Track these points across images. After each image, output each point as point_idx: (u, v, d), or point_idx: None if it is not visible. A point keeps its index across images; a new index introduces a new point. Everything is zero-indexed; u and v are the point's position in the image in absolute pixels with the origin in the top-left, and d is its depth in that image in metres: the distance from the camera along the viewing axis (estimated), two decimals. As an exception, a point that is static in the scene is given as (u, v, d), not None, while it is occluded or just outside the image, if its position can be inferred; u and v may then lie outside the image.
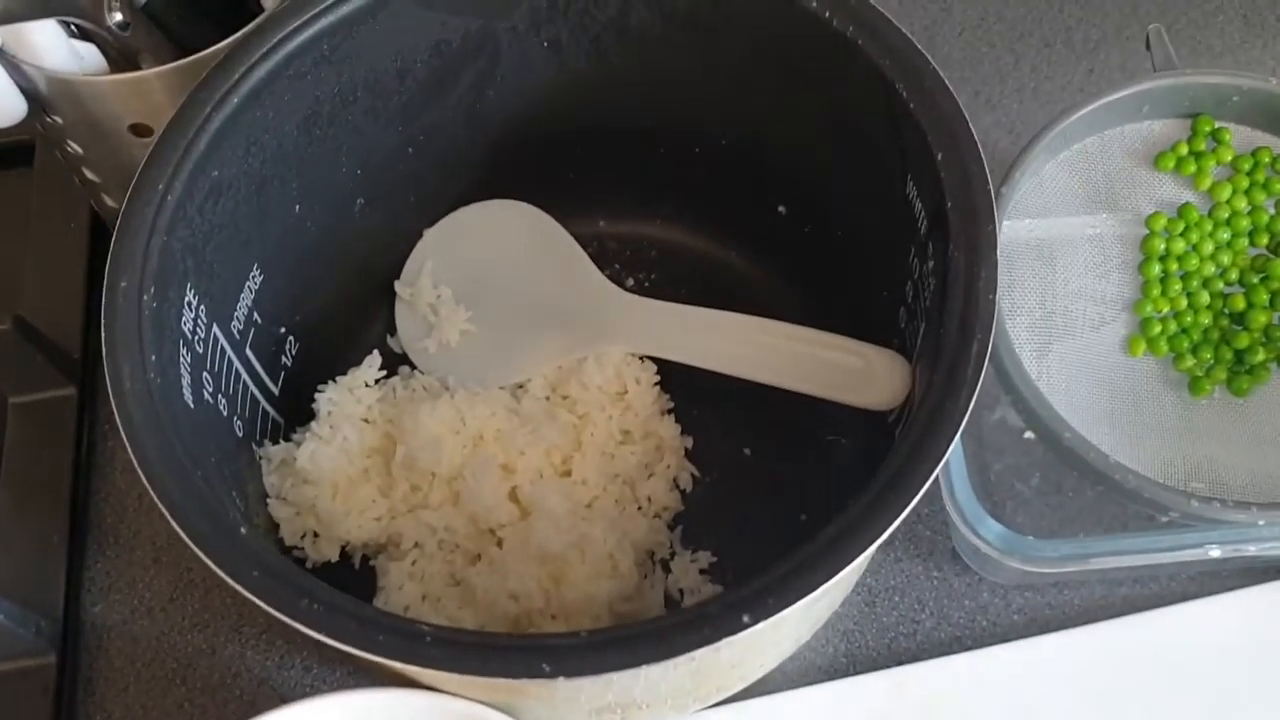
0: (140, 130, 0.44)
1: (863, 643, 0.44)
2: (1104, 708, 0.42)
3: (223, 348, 0.41)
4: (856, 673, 0.44)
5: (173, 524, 0.32)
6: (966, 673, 0.43)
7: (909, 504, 0.31)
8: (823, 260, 0.47)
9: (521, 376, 0.47)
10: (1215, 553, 0.41)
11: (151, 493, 0.33)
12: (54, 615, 0.43)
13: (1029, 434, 0.43)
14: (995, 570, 0.44)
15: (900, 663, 0.44)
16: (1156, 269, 0.45)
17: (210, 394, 0.39)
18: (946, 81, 0.37)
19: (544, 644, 0.30)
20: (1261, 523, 0.39)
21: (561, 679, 0.30)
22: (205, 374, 0.39)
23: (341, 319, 0.49)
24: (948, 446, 0.32)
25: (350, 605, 0.31)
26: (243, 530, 0.33)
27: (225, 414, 0.40)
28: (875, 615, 0.45)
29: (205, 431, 0.38)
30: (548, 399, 0.47)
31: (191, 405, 0.37)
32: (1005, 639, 0.44)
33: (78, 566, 0.46)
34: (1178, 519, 0.40)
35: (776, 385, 0.43)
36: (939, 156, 0.36)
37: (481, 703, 0.36)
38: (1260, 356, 0.44)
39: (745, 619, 0.30)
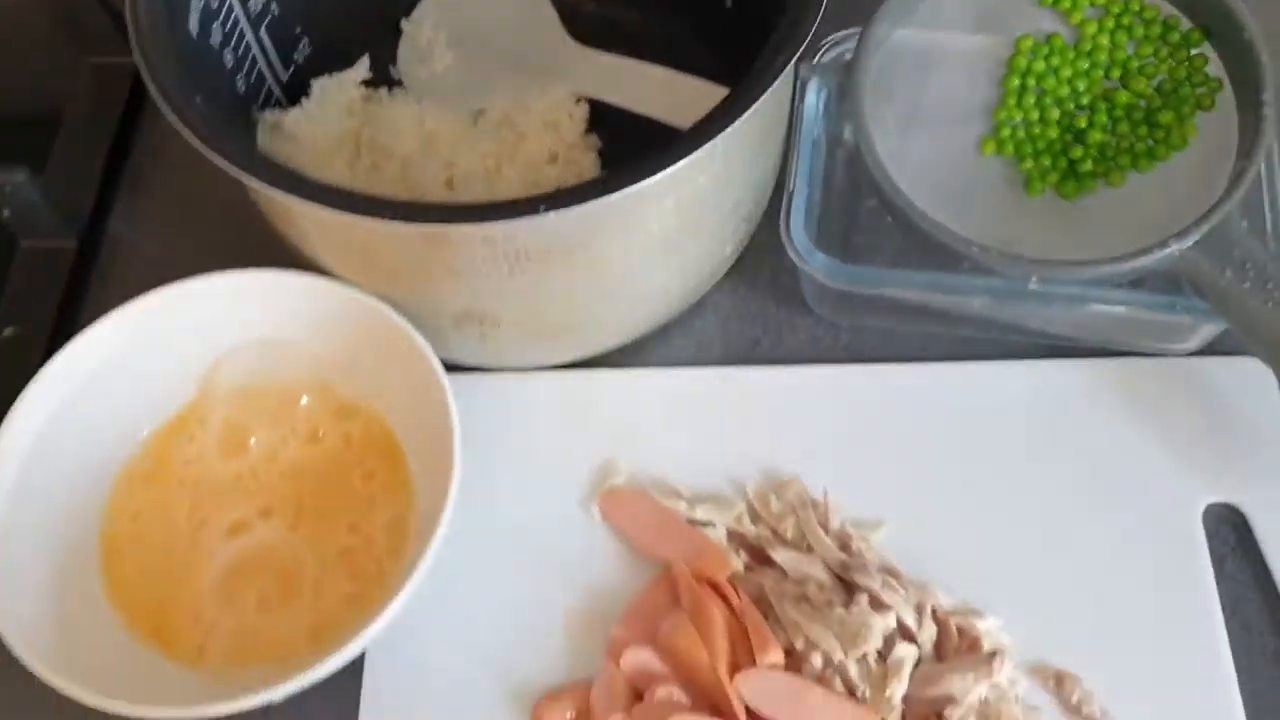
0: None
1: (708, 350, 0.53)
2: (891, 436, 0.50)
3: (236, 16, 0.52)
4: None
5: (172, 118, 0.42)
6: (783, 381, 0.52)
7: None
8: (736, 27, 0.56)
9: (482, 104, 0.57)
10: (977, 303, 0.49)
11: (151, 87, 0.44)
12: (82, 215, 0.55)
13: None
14: (831, 308, 0.53)
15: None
16: (1016, 82, 0.52)
17: (215, 43, 0.50)
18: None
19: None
20: (1033, 282, 0.47)
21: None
22: (215, 24, 0.50)
23: (354, 38, 0.59)
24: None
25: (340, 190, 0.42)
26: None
27: (229, 67, 0.51)
28: (724, 331, 0.54)
29: (205, 66, 0.49)
30: (498, 123, 0.57)
31: (194, 36, 0.48)
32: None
33: (110, 190, 0.58)
34: (968, 267, 0.48)
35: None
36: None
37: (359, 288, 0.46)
38: (1089, 168, 0.51)
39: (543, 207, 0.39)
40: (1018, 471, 0.49)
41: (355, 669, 0.46)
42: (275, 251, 0.49)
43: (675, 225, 0.45)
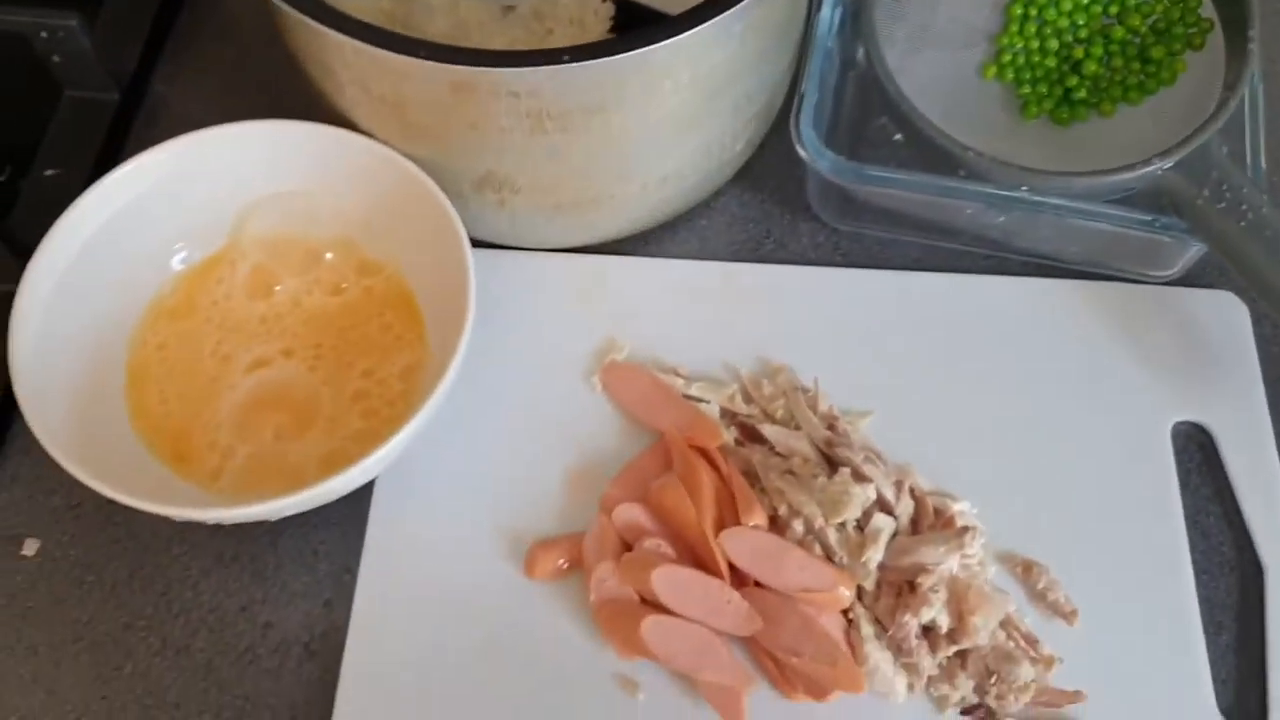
0: None
1: (712, 247, 0.56)
2: (881, 337, 0.53)
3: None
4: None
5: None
6: (782, 280, 0.54)
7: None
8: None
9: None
10: (970, 211, 0.51)
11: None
12: (127, 69, 0.58)
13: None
14: (834, 212, 0.56)
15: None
16: (1020, 11, 0.55)
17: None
18: None
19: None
20: (1025, 189, 0.50)
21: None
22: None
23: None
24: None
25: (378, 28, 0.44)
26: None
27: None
28: (729, 230, 0.56)
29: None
30: (527, 16, 0.59)
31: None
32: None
33: (155, 51, 0.60)
34: (964, 174, 0.51)
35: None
36: None
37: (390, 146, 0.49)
38: (1083, 97, 0.54)
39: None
40: (1000, 377, 0.52)
41: (361, 511, 0.49)
42: (311, 120, 0.51)
43: (691, 102, 0.48)
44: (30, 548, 0.48)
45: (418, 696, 0.45)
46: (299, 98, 0.52)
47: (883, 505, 0.47)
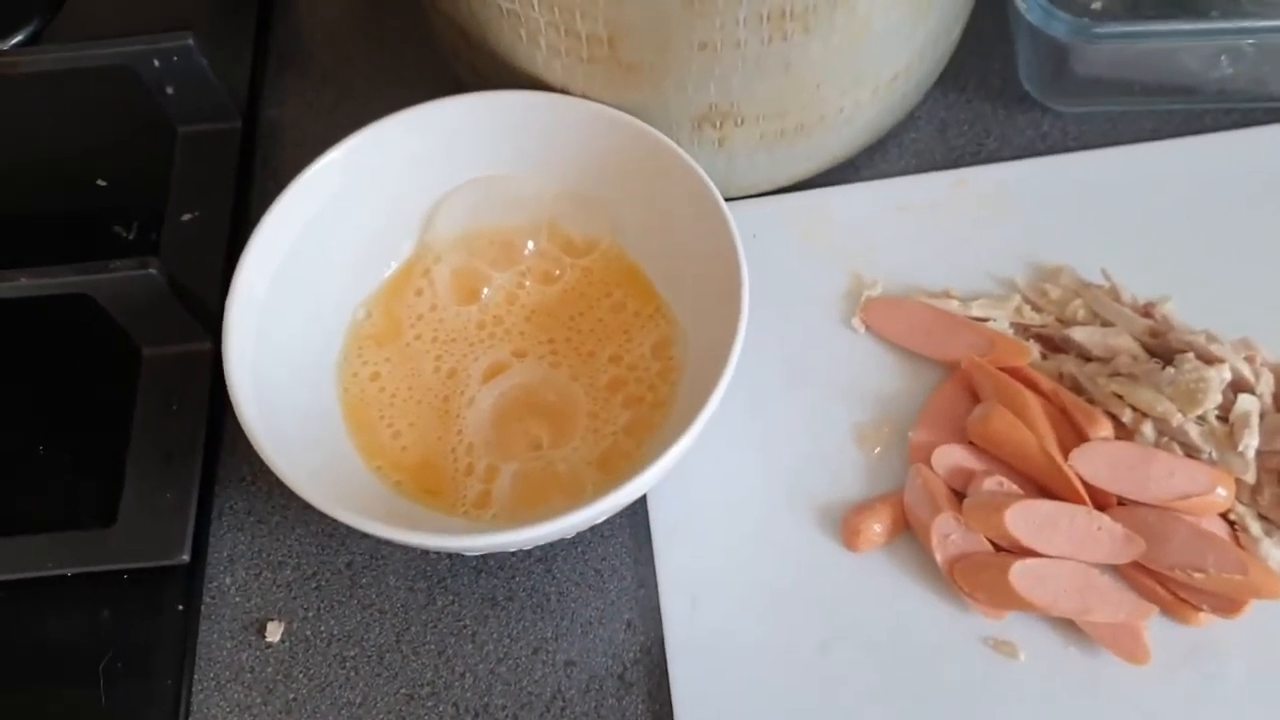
0: None
1: (931, 159, 0.50)
2: (1148, 217, 0.47)
3: None
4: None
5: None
6: (1019, 176, 0.49)
7: None
8: None
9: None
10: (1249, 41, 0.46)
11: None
12: (241, 93, 0.52)
13: None
14: (1057, 91, 0.50)
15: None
16: None
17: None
18: None
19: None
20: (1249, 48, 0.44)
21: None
22: None
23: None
24: None
25: None
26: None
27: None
28: (945, 140, 0.51)
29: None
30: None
31: None
32: (1060, 156, 0.50)
33: (260, 70, 0.54)
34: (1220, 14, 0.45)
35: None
36: None
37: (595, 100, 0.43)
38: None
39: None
40: None
41: (636, 515, 0.42)
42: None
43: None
44: (274, 632, 0.41)
45: (767, 707, 0.39)
46: (442, 79, 0.46)
47: (1240, 385, 0.41)
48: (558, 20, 0.41)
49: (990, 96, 0.52)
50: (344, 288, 0.44)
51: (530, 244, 0.45)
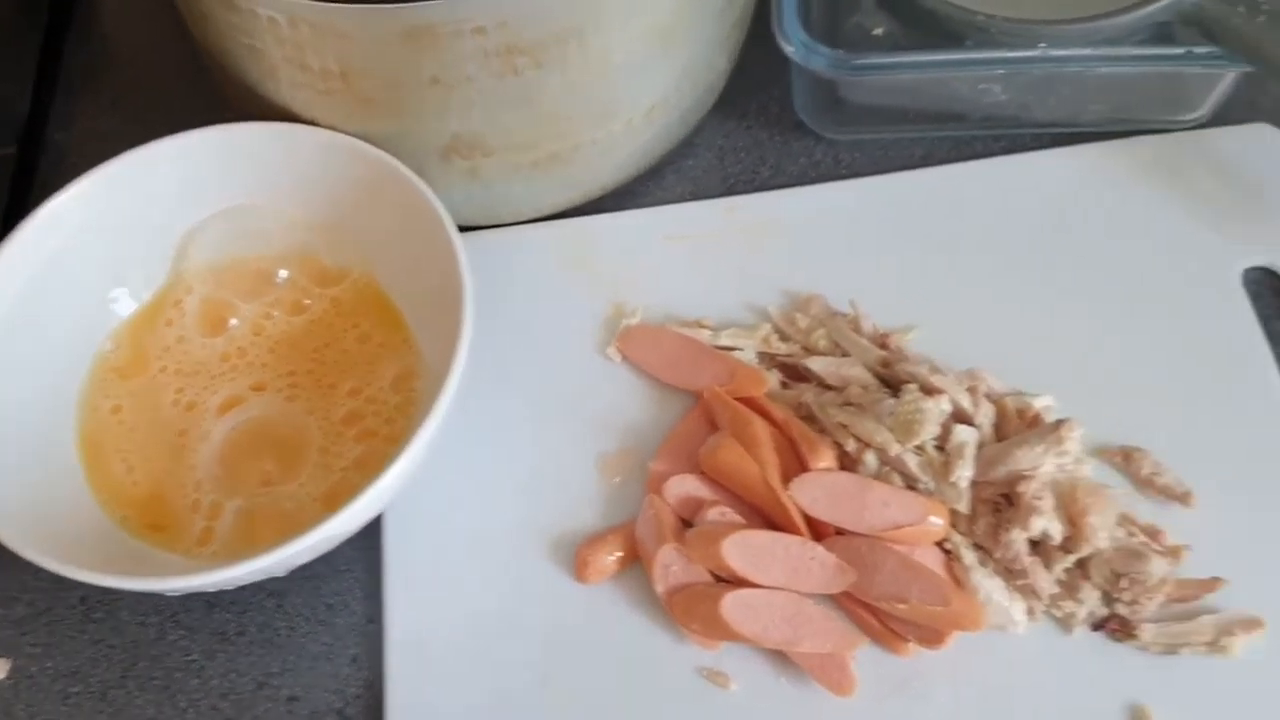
0: None
1: (706, 186, 0.50)
2: (908, 244, 0.48)
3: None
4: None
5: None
6: (789, 205, 0.49)
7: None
8: None
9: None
10: (999, 72, 0.46)
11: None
12: (19, 117, 0.51)
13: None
14: (830, 120, 0.50)
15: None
16: None
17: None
18: None
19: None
20: (1042, 45, 0.45)
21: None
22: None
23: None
24: None
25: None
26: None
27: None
28: (723, 167, 0.51)
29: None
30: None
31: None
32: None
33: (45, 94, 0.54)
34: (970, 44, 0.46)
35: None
36: None
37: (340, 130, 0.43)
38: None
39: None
40: (1043, 261, 0.47)
41: (372, 549, 0.42)
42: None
43: (671, 16, 0.43)
44: (0, 670, 0.42)
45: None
46: (216, 108, 0.46)
47: (960, 416, 0.41)
48: (292, 56, 0.42)
49: (768, 124, 0.52)
50: (91, 319, 0.44)
51: (282, 273, 0.45)
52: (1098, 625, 0.40)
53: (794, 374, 0.45)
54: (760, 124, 0.52)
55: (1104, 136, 0.50)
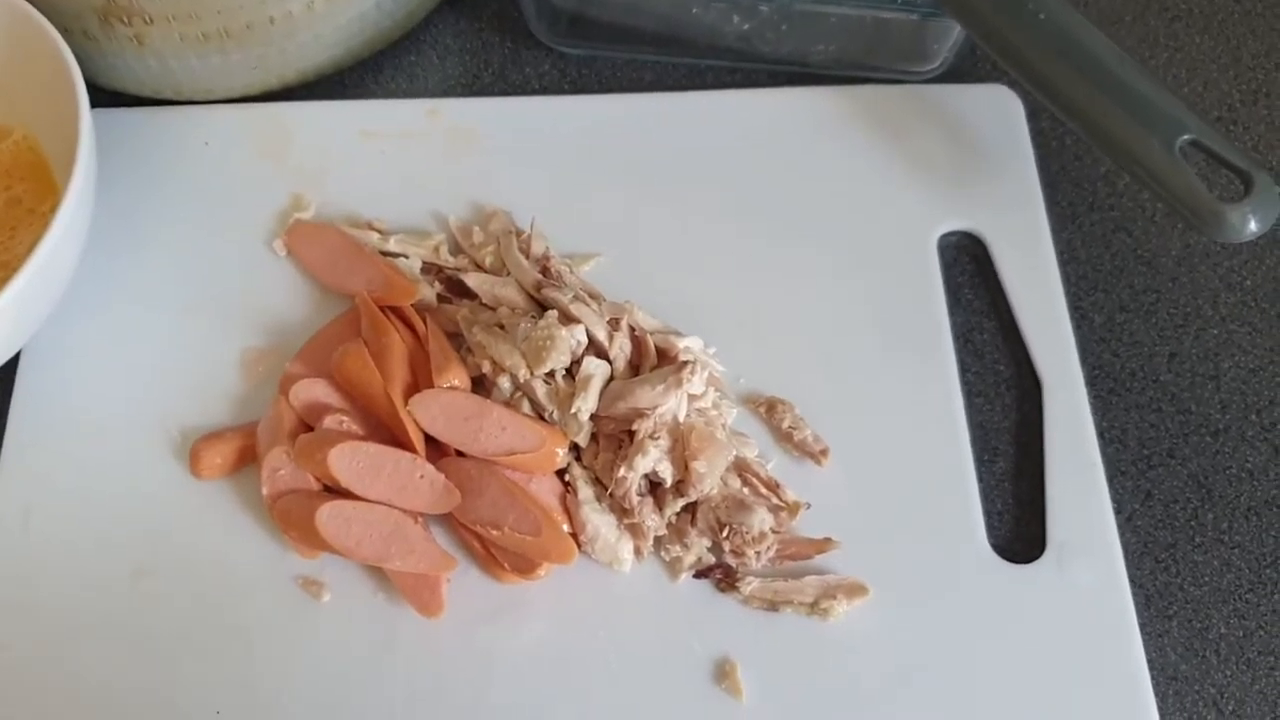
0: None
1: (421, 83, 0.49)
2: (617, 169, 0.46)
3: None
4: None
5: None
6: (497, 114, 0.47)
7: None
8: None
9: None
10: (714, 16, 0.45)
11: None
12: None
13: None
14: (562, 33, 0.48)
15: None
16: None
17: None
18: None
19: None
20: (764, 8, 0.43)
21: None
22: None
23: None
24: None
25: None
26: None
27: None
28: (442, 66, 0.49)
29: None
30: None
31: None
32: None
33: None
34: None
35: None
36: None
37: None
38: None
39: None
40: (744, 202, 0.46)
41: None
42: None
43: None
44: None
45: (67, 624, 0.38)
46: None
47: (596, 349, 0.40)
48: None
49: (502, 30, 0.50)
50: None
51: (-59, 126, 0.43)
52: (702, 573, 0.39)
53: (456, 288, 0.43)
54: (494, 29, 0.50)
55: (836, 80, 0.48)
